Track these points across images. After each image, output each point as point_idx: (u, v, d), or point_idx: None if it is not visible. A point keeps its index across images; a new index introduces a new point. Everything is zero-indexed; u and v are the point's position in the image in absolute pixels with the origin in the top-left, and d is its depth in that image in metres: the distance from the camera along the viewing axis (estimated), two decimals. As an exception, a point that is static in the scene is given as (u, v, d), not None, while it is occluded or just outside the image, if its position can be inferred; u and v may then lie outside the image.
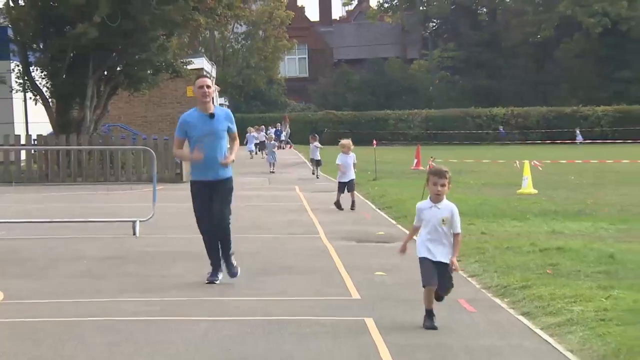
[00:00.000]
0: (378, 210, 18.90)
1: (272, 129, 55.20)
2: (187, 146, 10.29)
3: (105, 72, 30.91)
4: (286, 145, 56.27)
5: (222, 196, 10.05)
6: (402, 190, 22.09)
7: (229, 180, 10.17)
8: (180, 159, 19.31)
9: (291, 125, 62.49)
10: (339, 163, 18.94)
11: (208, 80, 10.17)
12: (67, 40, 28.21)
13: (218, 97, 55.72)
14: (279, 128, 57.68)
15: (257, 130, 51.58)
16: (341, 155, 18.94)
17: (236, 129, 10.36)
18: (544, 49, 76.56)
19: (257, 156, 46.57)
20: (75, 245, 13.45)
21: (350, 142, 19.23)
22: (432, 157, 20.00)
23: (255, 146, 49.05)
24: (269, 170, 32.56)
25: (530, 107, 68.36)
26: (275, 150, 34.52)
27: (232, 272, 10.24)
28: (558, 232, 14.37)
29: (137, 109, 44.98)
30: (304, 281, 10.40)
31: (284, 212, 18.53)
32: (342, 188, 18.78)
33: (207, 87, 10.00)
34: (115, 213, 17.55)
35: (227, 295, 9.55)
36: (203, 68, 41.71)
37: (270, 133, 49.96)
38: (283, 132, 58.07)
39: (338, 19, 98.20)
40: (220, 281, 10.16)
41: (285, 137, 58.30)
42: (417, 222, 8.11)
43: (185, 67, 33.48)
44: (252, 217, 17.21)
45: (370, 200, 20.96)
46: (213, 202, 10.03)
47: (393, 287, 9.97)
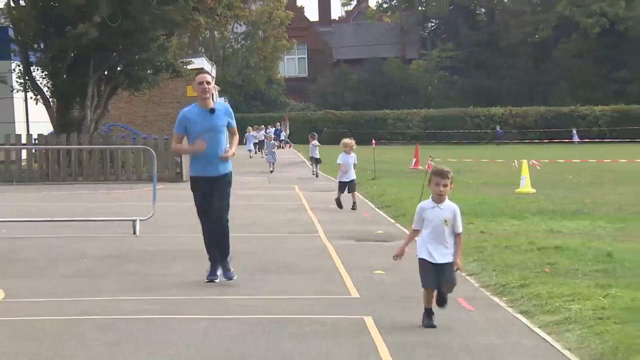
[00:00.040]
0: (377, 209, 18.91)
1: (271, 128, 55.21)
2: (185, 143, 10.30)
3: (106, 72, 30.95)
4: (285, 145, 56.28)
5: (221, 191, 10.07)
6: (401, 190, 22.09)
7: (228, 175, 10.18)
8: (180, 153, 19.24)
9: (290, 124, 62.53)
10: (339, 163, 18.86)
11: (208, 77, 10.18)
12: (68, 40, 28.25)
13: (218, 97, 55.70)
14: (278, 127, 57.68)
15: (257, 129, 51.62)
16: (342, 155, 18.85)
17: (235, 124, 10.37)
18: (542, 49, 76.63)
19: (257, 156, 46.57)
20: (76, 244, 13.46)
21: (352, 142, 19.10)
22: (431, 157, 20.01)
23: (255, 145, 49.07)
24: (269, 169, 32.58)
25: (528, 106, 68.45)
26: (275, 151, 34.49)
27: (228, 276, 10.20)
28: (556, 231, 14.38)
29: (137, 109, 45.04)
30: (303, 280, 10.42)
31: (284, 211, 18.53)
32: (343, 188, 18.71)
33: (207, 83, 10.01)
34: (115, 212, 17.59)
35: (227, 294, 9.56)
36: (203, 68, 41.66)
37: (269, 132, 49.97)
38: (283, 132, 58.09)
39: (337, 19, 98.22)
40: (219, 279, 10.19)
41: (285, 137, 58.32)
42: (417, 225, 8.05)
43: (185, 67, 33.50)
44: (252, 216, 17.22)
45: (369, 199, 20.96)
46: (213, 197, 10.04)
47: (392, 286, 9.99)
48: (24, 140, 28.82)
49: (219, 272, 10.25)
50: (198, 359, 6.99)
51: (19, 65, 30.91)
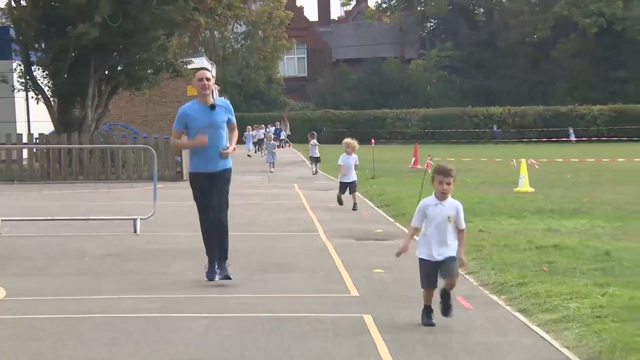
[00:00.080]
0: (376, 208, 18.92)
1: (271, 128, 55.23)
2: (185, 139, 10.28)
3: (106, 72, 30.98)
4: (285, 144, 56.30)
5: (220, 187, 10.05)
6: (400, 189, 22.10)
7: (228, 170, 10.16)
8: (180, 148, 19.20)
9: (290, 124, 62.54)
10: (340, 164, 18.75)
11: (208, 73, 10.18)
12: (69, 40, 28.28)
13: (218, 96, 55.73)
14: (278, 127, 57.69)
15: (257, 128, 51.68)
16: (343, 156, 18.74)
17: (235, 120, 10.35)
18: (540, 49, 76.67)
19: (257, 155, 46.57)
20: (77, 243, 13.47)
21: (354, 143, 18.92)
22: (430, 156, 20.07)
23: (254, 145, 49.09)
24: (269, 169, 32.60)
25: (527, 106, 68.49)
26: (275, 151, 34.48)
27: (226, 276, 10.10)
28: (554, 230, 14.40)
29: (137, 108, 45.07)
30: (303, 279, 10.45)
31: (284, 210, 18.55)
32: (344, 189, 18.65)
33: (207, 79, 10.01)
34: (116, 211, 17.61)
35: (227, 292, 9.58)
36: (203, 66, 41.76)
37: (269, 132, 50.00)
38: (283, 132, 58.10)
39: (337, 19, 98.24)
40: (217, 280, 10.12)
41: (284, 137, 58.33)
42: (417, 222, 8.01)
43: (185, 66, 33.50)
44: (252, 215, 17.24)
45: (368, 198, 20.96)
46: (212, 193, 10.01)
47: (391, 285, 10.01)
48: (25, 140, 28.86)
49: (217, 271, 10.19)
50: (198, 358, 6.99)
51: (20, 65, 30.95)
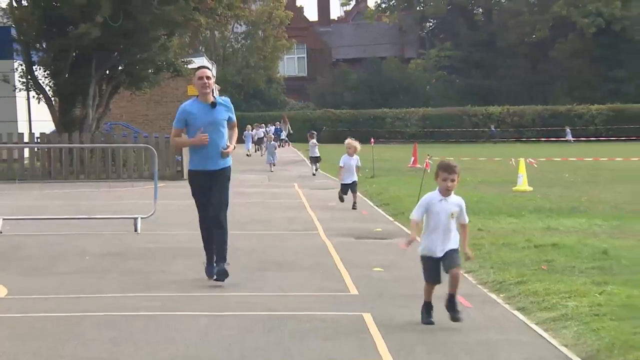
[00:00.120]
0: (376, 207, 18.94)
1: (271, 127, 55.24)
2: (185, 137, 10.30)
3: (107, 71, 31.04)
4: (285, 144, 56.33)
5: (220, 185, 10.01)
6: (400, 188, 22.13)
7: (227, 169, 10.13)
8: (180, 146, 19.17)
9: (290, 123, 62.59)
10: (341, 165, 18.70)
11: (208, 72, 10.16)
12: (70, 40, 28.31)
13: (218, 95, 55.86)
14: (278, 126, 57.71)
15: (256, 127, 51.72)
16: (345, 157, 18.69)
17: (235, 119, 10.33)
18: (539, 48, 76.76)
19: (256, 154, 46.57)
20: (78, 242, 13.49)
21: (356, 144, 18.83)
22: (429, 155, 20.09)
23: (254, 144, 49.11)
24: (269, 169, 32.63)
25: (525, 105, 68.52)
26: (275, 152, 34.49)
27: (221, 269, 9.98)
28: (553, 229, 14.40)
29: (138, 108, 45.18)
30: (303, 277, 10.47)
31: (283, 209, 18.57)
32: (345, 190, 18.62)
33: (207, 78, 9.99)
34: (117, 210, 17.64)
35: (227, 291, 9.59)
36: (203, 65, 41.80)
37: (270, 132, 50.00)
38: (283, 131, 58.14)
39: (336, 19, 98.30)
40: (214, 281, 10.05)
41: (284, 136, 58.36)
42: (419, 214, 7.97)
43: (185, 66, 33.55)
44: (252, 214, 17.27)
45: (368, 197, 20.97)
46: (212, 192, 9.99)
47: (391, 283, 10.03)
48: (26, 139, 28.89)
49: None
50: (198, 357, 6.99)
51: (21, 65, 31.02)
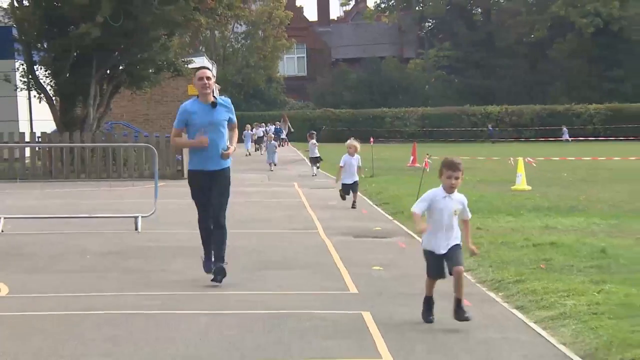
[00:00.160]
0: (375, 206, 18.95)
1: (271, 126, 55.25)
2: (185, 137, 10.29)
3: (108, 71, 31.07)
4: (284, 143, 56.35)
5: (220, 185, 9.99)
6: (399, 187, 22.18)
7: (227, 169, 10.12)
8: (180, 146, 19.18)
9: (290, 123, 62.60)
10: (341, 165, 18.75)
11: (208, 72, 10.14)
12: (70, 40, 28.34)
13: (218, 95, 55.94)
14: (278, 126, 57.73)
15: (256, 126, 51.71)
16: (345, 156, 18.74)
17: (236, 120, 10.32)
18: (537, 48, 76.84)
19: (256, 153, 46.56)
20: (78, 241, 13.52)
21: (356, 143, 18.91)
22: (428, 154, 20.11)
23: (253, 143, 49.11)
24: (269, 168, 32.67)
25: (524, 105, 68.58)
26: (276, 151, 34.53)
27: (219, 267, 9.99)
28: (551, 228, 14.43)
29: (139, 107, 45.22)
30: (303, 276, 10.50)
31: (283, 208, 18.59)
32: (347, 190, 18.65)
33: (207, 78, 9.97)
34: (117, 209, 17.67)
35: (227, 289, 9.62)
36: (203, 66, 41.84)
37: (270, 131, 50.00)
38: (284, 131, 58.18)
39: (336, 19, 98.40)
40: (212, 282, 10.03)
41: (284, 135, 58.38)
42: (421, 207, 7.96)
43: (186, 66, 33.59)
44: (252, 213, 17.29)
45: (367, 196, 20.97)
46: (212, 192, 9.97)
47: (390, 282, 10.06)
48: (27, 138, 28.89)
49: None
50: (198, 356, 7.01)
51: (22, 64, 31.07)
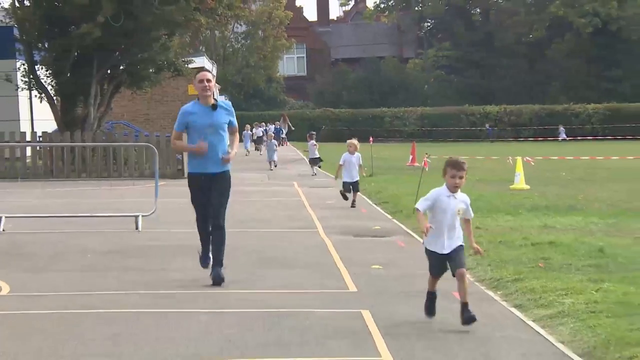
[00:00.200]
0: (375, 206, 18.99)
1: (270, 126, 55.26)
2: (185, 140, 10.26)
3: (109, 71, 31.08)
4: (284, 142, 56.33)
5: (220, 187, 9.97)
6: (398, 186, 22.20)
7: (227, 172, 10.08)
8: (180, 150, 19.23)
9: (290, 122, 62.60)
10: (340, 163, 18.76)
11: (208, 75, 10.10)
12: (71, 40, 28.36)
13: (218, 95, 55.90)
14: (278, 126, 57.73)
15: (256, 126, 51.70)
16: (345, 155, 18.76)
17: (236, 123, 10.27)
18: (536, 48, 76.86)
19: (255, 153, 46.55)
20: (79, 240, 13.54)
21: (355, 142, 18.99)
22: (427, 154, 20.15)
23: (252, 142, 49.10)
24: (269, 168, 32.69)
25: (522, 105, 68.61)
26: (276, 150, 34.56)
27: (217, 276, 9.95)
28: (550, 227, 14.44)
29: (139, 107, 45.19)
30: (302, 275, 10.53)
31: (283, 207, 18.61)
32: (348, 188, 18.64)
33: (208, 81, 9.92)
34: (118, 208, 17.68)
35: (227, 288, 9.66)
36: (204, 67, 41.89)
37: (270, 131, 50.01)
38: (283, 130, 58.17)
39: (335, 19, 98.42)
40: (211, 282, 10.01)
41: (284, 134, 58.38)
42: (424, 205, 7.95)
43: (186, 65, 33.62)
44: (252, 212, 17.31)
45: (367, 195, 20.97)
46: (212, 194, 9.94)
47: (389, 281, 10.09)
48: (28, 138, 28.95)
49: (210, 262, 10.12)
50: (199, 354, 7.02)
51: (23, 64, 31.07)
